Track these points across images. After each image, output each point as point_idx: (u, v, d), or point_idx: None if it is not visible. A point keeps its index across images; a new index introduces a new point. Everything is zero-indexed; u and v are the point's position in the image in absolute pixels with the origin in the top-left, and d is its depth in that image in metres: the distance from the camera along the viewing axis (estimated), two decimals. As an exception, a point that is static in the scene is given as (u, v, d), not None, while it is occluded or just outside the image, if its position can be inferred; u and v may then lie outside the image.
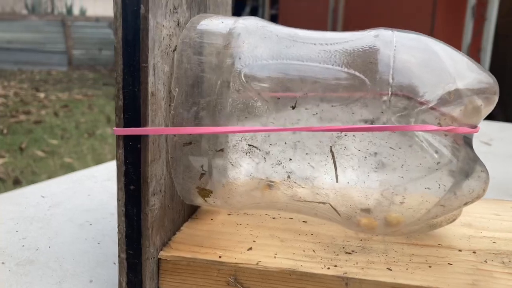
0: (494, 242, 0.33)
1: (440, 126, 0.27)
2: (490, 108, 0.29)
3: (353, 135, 0.27)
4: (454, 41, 3.34)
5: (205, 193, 0.31)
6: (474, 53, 2.75)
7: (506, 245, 0.32)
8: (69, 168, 2.30)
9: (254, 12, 5.99)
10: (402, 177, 0.27)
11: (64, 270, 0.34)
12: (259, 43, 0.29)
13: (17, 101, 4.06)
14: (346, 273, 0.28)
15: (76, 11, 8.93)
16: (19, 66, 6.00)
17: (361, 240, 0.32)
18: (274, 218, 0.35)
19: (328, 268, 0.28)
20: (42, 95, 4.24)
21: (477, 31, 2.87)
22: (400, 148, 0.26)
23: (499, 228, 0.35)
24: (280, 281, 0.28)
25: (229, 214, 0.36)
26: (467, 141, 0.29)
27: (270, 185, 0.30)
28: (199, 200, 0.32)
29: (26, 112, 3.64)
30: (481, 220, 0.36)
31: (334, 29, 4.54)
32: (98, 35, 5.49)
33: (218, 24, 0.30)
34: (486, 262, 0.30)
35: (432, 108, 0.27)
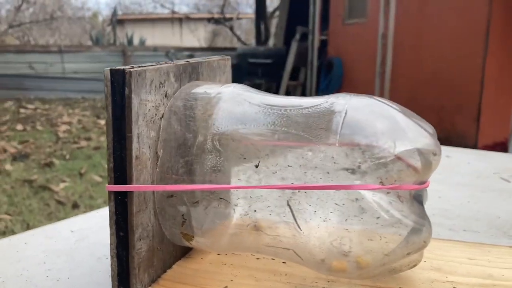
0: (454, 287, 0.35)
1: (383, 184, 0.30)
2: (435, 168, 0.32)
3: (305, 192, 0.31)
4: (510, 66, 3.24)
5: (188, 237, 0.36)
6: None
7: (465, 290, 0.35)
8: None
9: (304, 38, 6.07)
10: (347, 229, 0.30)
11: (76, 299, 0.39)
12: (233, 110, 0.34)
13: (80, 128, 4.33)
14: (302, 312, 0.31)
15: (136, 41, 9.42)
16: (83, 94, 6.40)
17: (328, 281, 0.36)
18: (258, 258, 0.40)
19: (288, 307, 0.32)
20: (102, 122, 4.50)
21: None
22: (343, 204, 0.30)
23: (466, 273, 0.37)
24: (245, 317, 0.32)
25: (218, 254, 0.41)
26: (416, 197, 0.32)
27: (238, 232, 0.34)
28: (185, 243, 0.37)
29: (87, 138, 3.88)
30: (452, 264, 0.39)
31: (383, 54, 4.53)
32: (155, 65, 5.73)
33: (201, 93, 0.36)
34: (437, 306, 0.33)
35: (398, 158, 0.31)
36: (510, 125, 3.43)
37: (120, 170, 0.32)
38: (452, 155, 0.91)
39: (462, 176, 0.76)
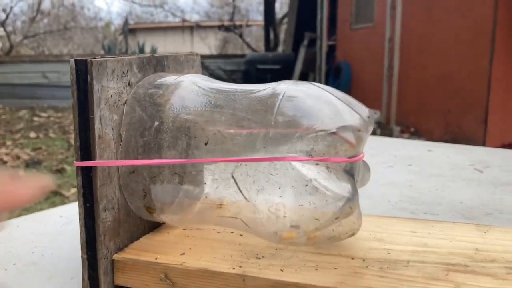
0: (388, 253, 0.39)
1: (311, 156, 0.34)
2: (364, 142, 0.36)
3: (246, 165, 0.35)
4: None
5: (150, 210, 0.40)
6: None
7: (397, 255, 0.39)
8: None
9: (312, 44, 6.12)
10: (280, 196, 0.35)
11: (56, 270, 0.44)
12: (186, 96, 0.39)
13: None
14: (245, 272, 0.36)
15: (147, 50, 9.55)
16: (95, 102, 6.51)
17: (276, 249, 0.40)
18: (218, 232, 0.44)
19: (233, 268, 0.36)
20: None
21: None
22: (277, 174, 0.34)
23: (404, 242, 0.41)
24: (196, 277, 0.37)
25: (184, 229, 0.45)
26: (348, 170, 0.36)
27: (193, 204, 0.38)
28: (149, 216, 0.41)
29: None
30: (394, 236, 0.43)
31: (390, 58, 4.55)
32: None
33: (161, 82, 0.40)
34: (367, 267, 0.36)
35: (333, 133, 0.35)
36: (517, 126, 3.42)
37: (85, 148, 0.36)
38: (434, 150, 0.94)
39: (438, 168, 0.80)
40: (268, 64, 6.72)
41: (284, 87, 0.37)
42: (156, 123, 0.38)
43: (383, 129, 4.40)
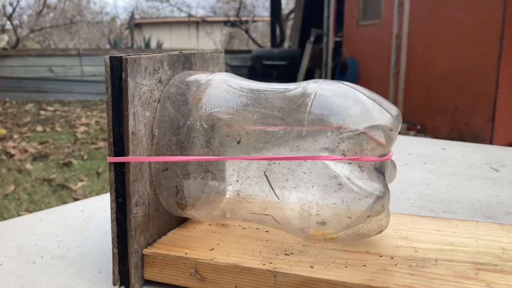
0: (416, 251, 0.39)
1: (344, 156, 0.35)
2: (393, 142, 0.37)
3: (278, 163, 0.36)
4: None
5: (182, 206, 0.41)
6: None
7: (425, 253, 0.39)
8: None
9: (318, 40, 6.11)
10: (313, 194, 0.35)
11: (83, 264, 0.45)
12: (218, 95, 0.39)
13: (98, 129, 4.43)
14: (275, 268, 0.36)
15: (153, 44, 9.55)
16: (101, 96, 6.53)
17: (304, 246, 0.40)
18: (244, 228, 0.44)
19: (264, 264, 0.37)
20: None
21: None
22: (310, 173, 0.35)
23: (430, 241, 0.41)
24: (227, 273, 0.37)
25: (209, 225, 0.45)
26: (378, 169, 0.37)
27: (225, 200, 0.39)
28: (180, 212, 0.42)
29: (104, 139, 3.97)
30: (419, 234, 0.43)
31: (397, 55, 4.53)
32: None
33: (192, 80, 0.41)
34: (396, 265, 0.37)
35: (363, 133, 0.35)
36: (525, 125, 3.41)
37: (119, 144, 0.37)
38: (448, 148, 0.94)
39: (453, 166, 0.80)
40: (274, 60, 6.71)
41: (315, 86, 0.37)
42: (188, 122, 0.38)
43: (389, 126, 4.38)
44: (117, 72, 0.36)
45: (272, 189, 0.37)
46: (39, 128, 4.34)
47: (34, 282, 0.41)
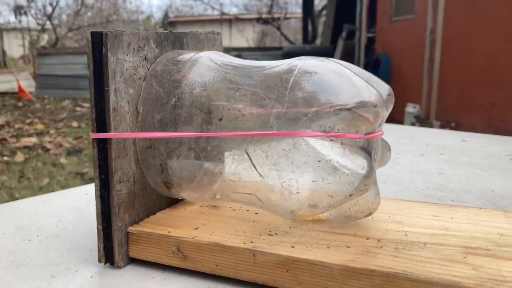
0: (406, 235, 0.38)
1: (326, 132, 0.34)
2: (381, 120, 0.35)
3: (258, 140, 0.35)
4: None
5: (168, 185, 0.40)
6: None
7: (415, 237, 0.37)
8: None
9: (351, 36, 6.02)
10: (293, 171, 0.34)
11: (76, 242, 0.45)
12: (203, 72, 0.39)
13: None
14: (255, 247, 0.35)
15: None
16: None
17: (290, 227, 0.39)
18: (234, 210, 0.44)
19: (245, 243, 0.36)
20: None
21: None
22: (289, 149, 0.34)
23: (424, 225, 0.40)
24: (207, 251, 0.36)
25: (200, 206, 0.45)
26: (364, 147, 0.35)
27: (212, 179, 0.38)
28: (167, 191, 0.41)
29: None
30: (415, 219, 0.41)
31: (432, 50, 4.42)
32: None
33: (179, 58, 0.40)
34: (382, 247, 0.35)
35: (348, 109, 0.34)
36: None
37: (100, 120, 0.37)
38: (469, 140, 0.91)
39: (471, 157, 0.77)
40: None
41: (300, 62, 0.36)
42: (173, 99, 0.38)
43: (422, 123, 4.29)
44: (98, 47, 0.36)
45: (254, 166, 0.36)
46: (75, 123, 4.46)
47: (25, 258, 0.42)
